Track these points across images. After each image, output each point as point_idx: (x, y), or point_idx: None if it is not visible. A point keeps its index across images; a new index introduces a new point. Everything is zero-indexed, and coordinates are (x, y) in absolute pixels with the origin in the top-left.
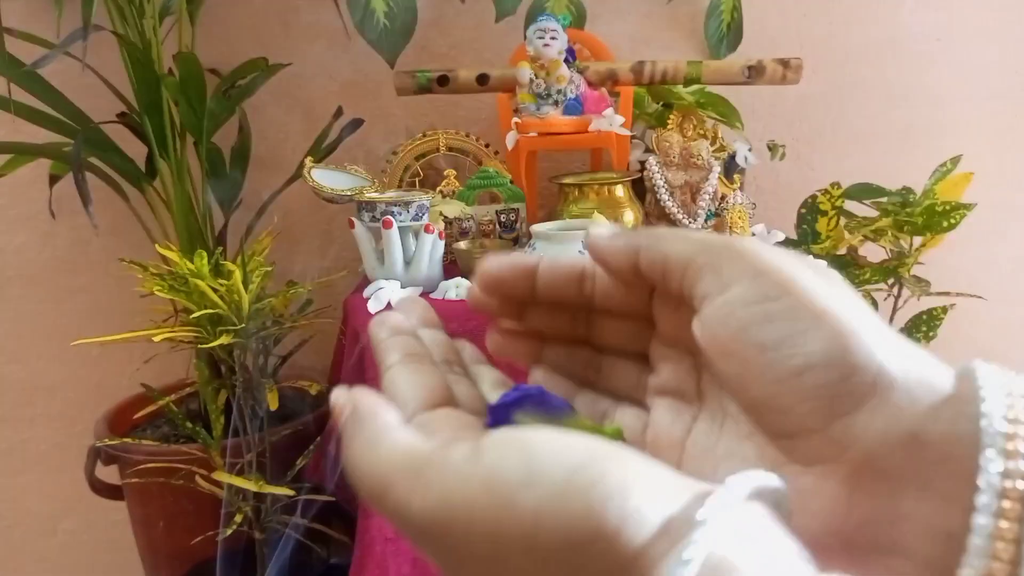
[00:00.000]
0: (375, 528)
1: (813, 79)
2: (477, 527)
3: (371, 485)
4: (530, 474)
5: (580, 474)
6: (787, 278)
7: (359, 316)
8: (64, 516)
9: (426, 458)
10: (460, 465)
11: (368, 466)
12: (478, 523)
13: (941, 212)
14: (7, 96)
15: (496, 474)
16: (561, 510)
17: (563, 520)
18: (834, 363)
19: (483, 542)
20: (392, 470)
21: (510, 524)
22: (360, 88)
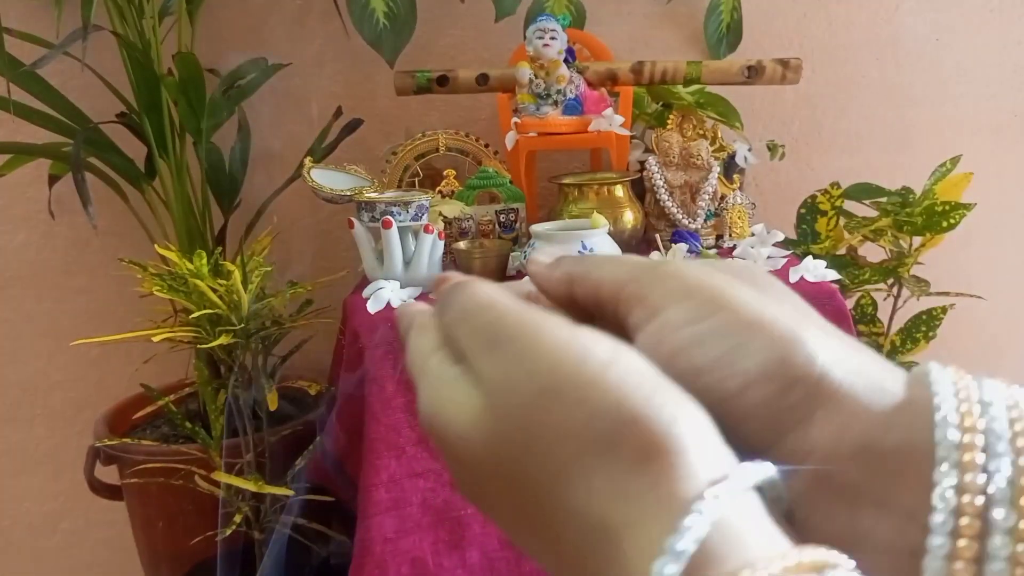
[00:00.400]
0: (375, 528)
1: (813, 79)
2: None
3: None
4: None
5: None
6: (715, 295)
7: (359, 316)
8: (64, 516)
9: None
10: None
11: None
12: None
13: (941, 212)
14: (7, 96)
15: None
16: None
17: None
18: (772, 376)
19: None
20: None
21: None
22: (360, 88)
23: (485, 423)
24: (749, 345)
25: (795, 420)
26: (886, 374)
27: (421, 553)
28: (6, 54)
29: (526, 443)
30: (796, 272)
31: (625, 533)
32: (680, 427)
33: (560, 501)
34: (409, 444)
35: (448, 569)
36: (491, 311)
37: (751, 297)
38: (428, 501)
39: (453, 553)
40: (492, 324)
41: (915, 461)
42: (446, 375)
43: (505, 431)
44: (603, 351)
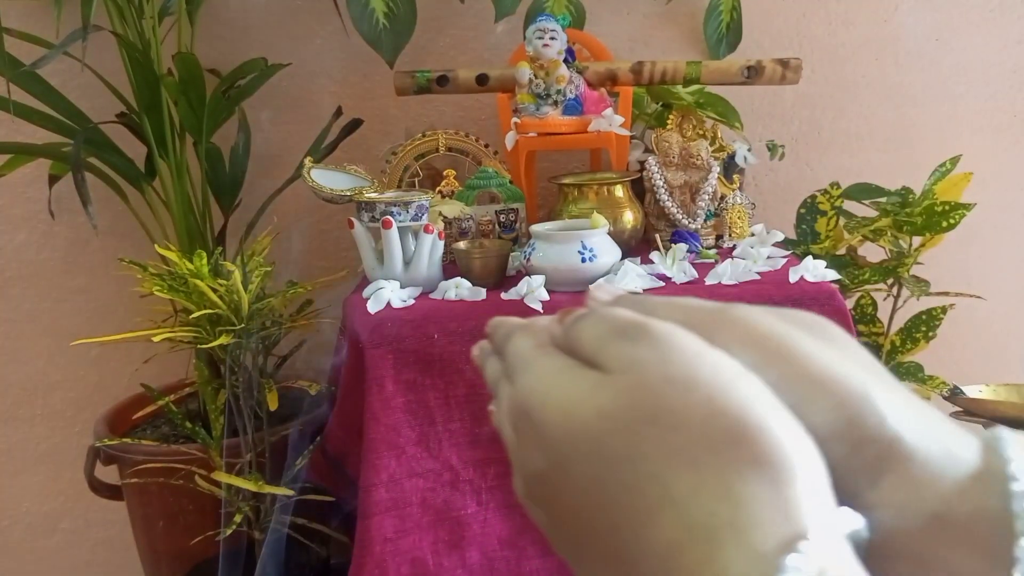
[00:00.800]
0: (374, 528)
1: (812, 79)
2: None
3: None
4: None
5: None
6: (782, 345)
7: (359, 316)
8: (63, 516)
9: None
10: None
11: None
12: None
13: (940, 212)
14: (7, 96)
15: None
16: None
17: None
18: (840, 435)
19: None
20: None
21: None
22: (360, 88)
23: (603, 397)
24: (817, 401)
25: (864, 482)
26: (955, 438)
27: (421, 553)
28: (6, 54)
29: (642, 422)
30: (796, 272)
31: (733, 533)
32: (801, 452)
33: (665, 489)
34: (409, 444)
35: (448, 569)
36: (625, 316)
37: (819, 350)
38: (428, 501)
39: (453, 553)
40: (627, 322)
41: (989, 532)
42: (559, 363)
43: (624, 407)
44: (735, 365)
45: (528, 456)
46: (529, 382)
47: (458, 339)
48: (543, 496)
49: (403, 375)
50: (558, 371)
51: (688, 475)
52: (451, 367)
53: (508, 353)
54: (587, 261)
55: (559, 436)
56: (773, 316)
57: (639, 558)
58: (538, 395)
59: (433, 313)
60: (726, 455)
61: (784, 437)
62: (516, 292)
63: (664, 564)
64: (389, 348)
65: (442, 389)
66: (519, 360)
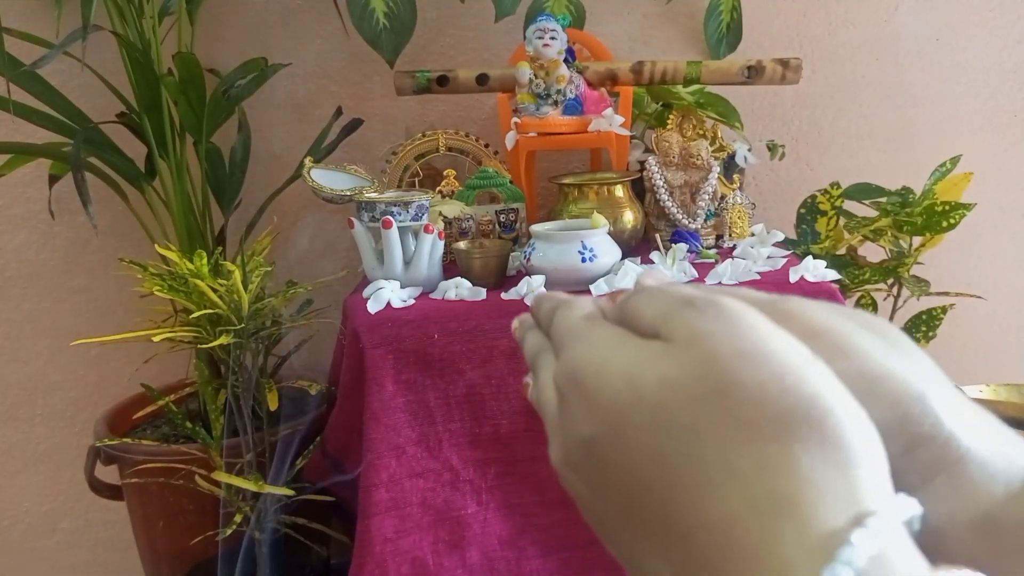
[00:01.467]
0: (375, 528)
1: (812, 79)
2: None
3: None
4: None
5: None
6: (842, 340)
7: (359, 316)
8: (63, 516)
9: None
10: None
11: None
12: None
13: (940, 212)
14: (7, 96)
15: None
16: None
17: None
18: (896, 433)
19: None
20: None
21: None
22: (360, 88)
23: (668, 366)
24: (874, 397)
25: (916, 481)
26: (1011, 443)
27: (421, 553)
28: (6, 54)
29: (710, 392)
30: (796, 272)
31: (795, 509)
32: (867, 438)
33: (727, 461)
34: (409, 444)
35: (448, 569)
36: (691, 291)
37: (879, 348)
38: (428, 501)
39: (453, 553)
40: (694, 295)
41: None
42: (617, 332)
43: (689, 377)
44: (806, 351)
45: (576, 423)
46: (582, 351)
47: (458, 339)
48: (587, 464)
49: (403, 375)
50: (617, 340)
51: (754, 449)
52: (451, 367)
53: (557, 325)
54: (587, 261)
55: (617, 403)
56: (831, 310)
57: (695, 530)
58: (594, 363)
59: (433, 313)
60: (794, 432)
61: (852, 423)
62: (516, 292)
63: (722, 537)
64: (389, 348)
65: (442, 389)
66: (570, 331)
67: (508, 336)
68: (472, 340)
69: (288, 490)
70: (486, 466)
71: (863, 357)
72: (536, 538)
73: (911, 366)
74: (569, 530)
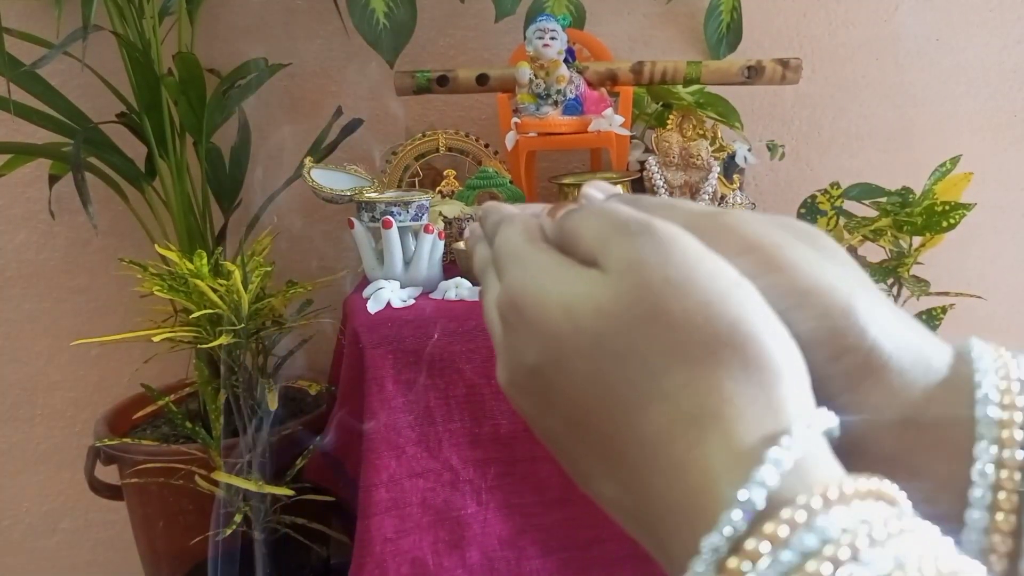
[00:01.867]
0: (375, 528)
1: (812, 79)
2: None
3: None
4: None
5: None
6: (773, 255)
7: (359, 316)
8: (63, 516)
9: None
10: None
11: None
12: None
13: (940, 212)
14: (7, 96)
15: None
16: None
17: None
18: (822, 343)
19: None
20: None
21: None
22: (359, 88)
23: (603, 297)
24: (802, 309)
25: (841, 387)
26: (932, 349)
27: (421, 553)
28: (6, 54)
29: (641, 320)
30: None
31: (718, 423)
32: (787, 358)
33: (657, 382)
34: (409, 444)
35: (448, 569)
36: (628, 212)
37: (810, 260)
38: (428, 501)
39: (453, 553)
40: (630, 219)
41: (953, 435)
42: (554, 259)
43: (622, 307)
44: (732, 272)
45: (520, 349)
46: (522, 278)
47: (458, 339)
48: (532, 387)
49: (403, 375)
50: (555, 268)
51: (681, 371)
52: (451, 367)
53: (498, 243)
54: None
55: (557, 332)
56: (766, 223)
57: (628, 446)
58: (532, 292)
59: (433, 313)
60: (718, 356)
61: (773, 344)
62: None
63: (652, 451)
64: (389, 348)
65: (442, 389)
66: (509, 253)
67: None
68: (472, 340)
69: (288, 490)
70: (486, 466)
71: (793, 270)
72: (536, 538)
73: (840, 277)
74: (569, 530)
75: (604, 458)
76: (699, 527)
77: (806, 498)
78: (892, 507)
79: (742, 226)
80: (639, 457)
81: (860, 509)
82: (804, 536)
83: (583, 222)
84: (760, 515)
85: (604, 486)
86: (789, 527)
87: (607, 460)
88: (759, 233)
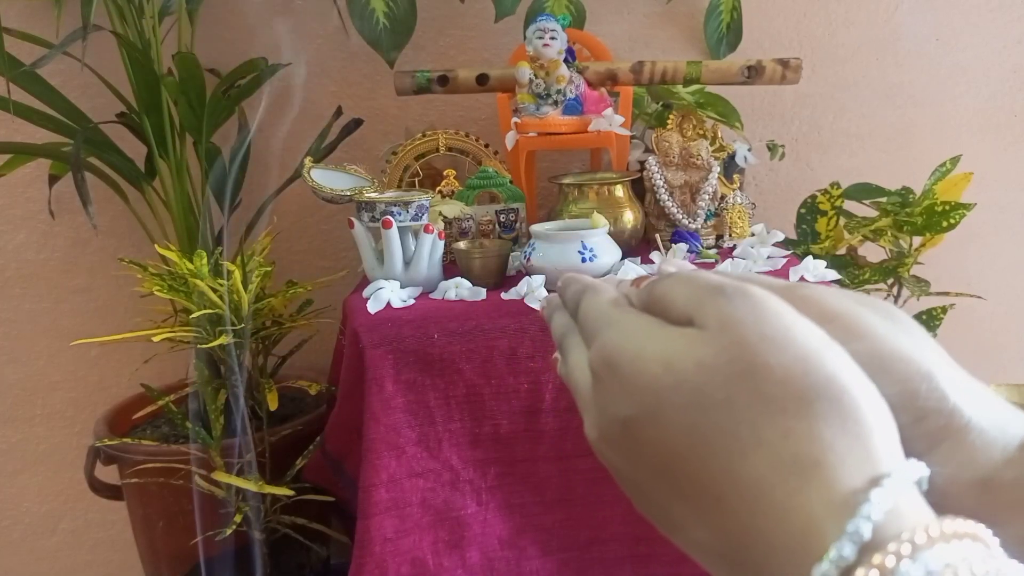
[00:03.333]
0: (374, 528)
1: (812, 79)
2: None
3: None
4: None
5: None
6: (855, 323)
7: (359, 316)
8: (63, 516)
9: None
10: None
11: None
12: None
13: (940, 212)
14: (7, 96)
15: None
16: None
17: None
18: (905, 407)
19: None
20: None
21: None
22: (359, 88)
23: (703, 352)
24: (885, 375)
25: (924, 448)
26: (1009, 414)
27: (421, 553)
28: (6, 54)
29: (741, 373)
30: (796, 272)
31: (818, 471)
32: (879, 412)
33: (757, 432)
34: (409, 444)
35: (448, 569)
36: (719, 278)
37: (888, 329)
38: (428, 501)
39: (453, 553)
40: (723, 283)
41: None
42: (648, 320)
43: (721, 361)
44: (823, 334)
45: (612, 403)
46: (616, 336)
47: (458, 339)
48: (623, 440)
49: (403, 375)
50: (651, 327)
51: (780, 421)
52: (451, 367)
53: (585, 310)
54: (587, 261)
55: (655, 386)
56: (843, 296)
57: (728, 493)
58: (629, 348)
59: (433, 313)
60: (816, 407)
61: (866, 398)
62: (516, 292)
63: (753, 497)
64: (389, 348)
65: (442, 389)
66: (600, 317)
67: (508, 336)
68: (472, 340)
69: (288, 490)
70: (486, 466)
71: (874, 338)
72: (536, 538)
73: (918, 346)
74: (569, 530)
75: (697, 506)
76: (807, 562)
77: (910, 534)
78: (987, 549)
79: (822, 298)
80: (739, 502)
81: (959, 547)
82: (911, 568)
83: (675, 287)
84: (866, 547)
85: (697, 532)
86: (896, 558)
87: (701, 507)
88: (838, 303)
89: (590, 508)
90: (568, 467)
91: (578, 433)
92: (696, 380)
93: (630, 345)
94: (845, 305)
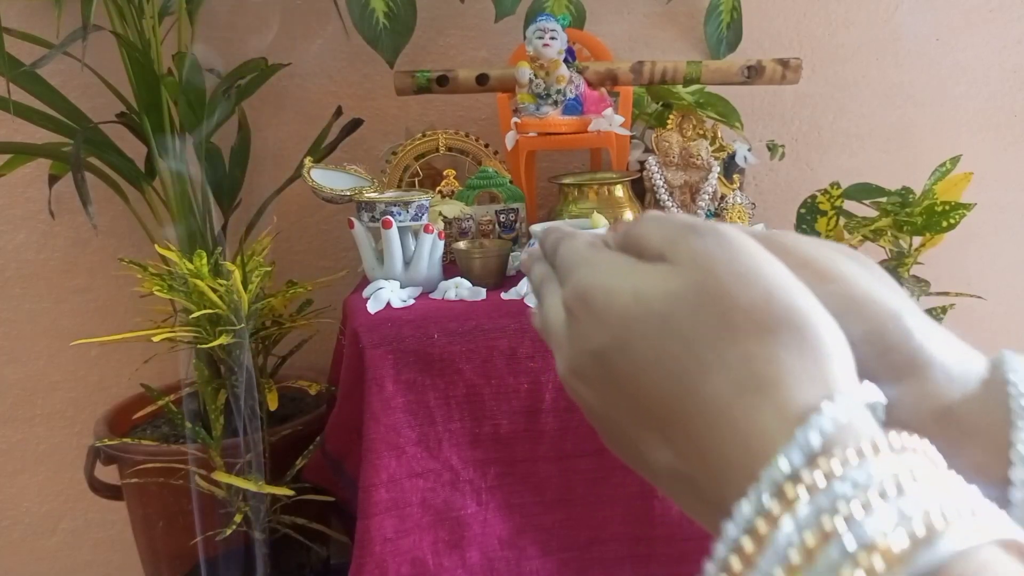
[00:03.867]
0: (374, 528)
1: (812, 79)
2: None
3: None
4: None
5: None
6: (829, 267)
7: (359, 316)
8: (63, 516)
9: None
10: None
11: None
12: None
13: (940, 212)
14: (7, 96)
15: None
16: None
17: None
18: (872, 343)
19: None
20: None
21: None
22: (359, 88)
23: (673, 284)
24: (855, 315)
25: (886, 380)
26: (971, 356)
27: (421, 553)
28: (6, 54)
29: (708, 302)
30: None
31: (774, 390)
32: (837, 342)
33: (720, 355)
34: (409, 444)
35: (448, 569)
36: (693, 218)
37: (860, 274)
38: (428, 501)
39: (453, 553)
40: (697, 222)
41: (988, 425)
42: (620, 257)
43: (690, 291)
44: (790, 274)
45: (585, 337)
46: (590, 273)
47: (458, 339)
48: (595, 373)
49: (403, 375)
50: (624, 264)
51: (742, 346)
52: (451, 367)
53: (562, 254)
54: None
55: (626, 316)
56: (818, 243)
57: (691, 413)
58: (602, 283)
59: (433, 313)
60: (777, 334)
61: (826, 328)
62: (516, 292)
63: (713, 415)
64: (389, 348)
65: (442, 389)
66: (575, 259)
67: (508, 336)
68: (472, 340)
69: (288, 490)
70: (486, 466)
71: (846, 281)
72: (536, 538)
73: (889, 292)
74: (569, 530)
75: (662, 429)
76: (758, 472)
77: (856, 443)
78: (931, 463)
79: (796, 244)
80: (700, 422)
81: (904, 457)
82: (855, 474)
83: (649, 227)
84: (814, 456)
85: (660, 455)
86: (841, 464)
87: (665, 430)
88: (812, 250)
89: (590, 508)
90: (568, 467)
91: (578, 433)
92: (664, 309)
93: (603, 280)
94: (820, 251)
